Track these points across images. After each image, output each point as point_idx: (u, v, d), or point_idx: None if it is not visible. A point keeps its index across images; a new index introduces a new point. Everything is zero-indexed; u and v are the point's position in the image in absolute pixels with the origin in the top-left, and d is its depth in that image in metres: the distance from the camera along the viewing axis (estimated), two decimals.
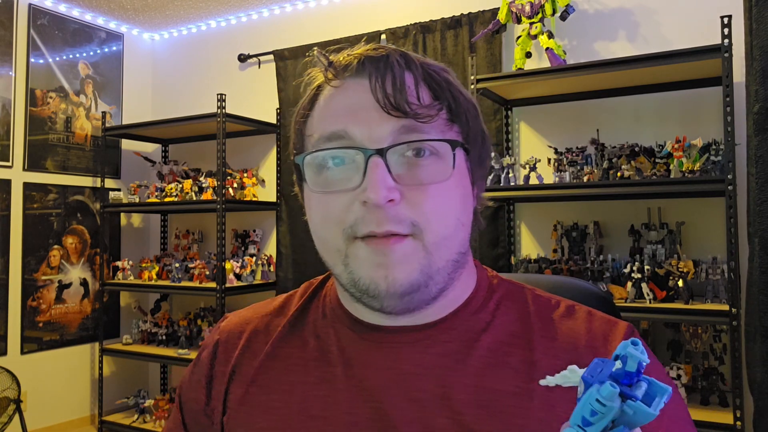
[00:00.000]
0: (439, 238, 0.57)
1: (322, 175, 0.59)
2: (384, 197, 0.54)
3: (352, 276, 0.58)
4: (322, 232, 0.60)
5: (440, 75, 0.61)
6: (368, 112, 0.57)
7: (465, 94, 0.62)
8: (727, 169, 2.11)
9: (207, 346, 0.73)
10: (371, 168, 0.55)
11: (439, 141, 0.57)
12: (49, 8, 3.61)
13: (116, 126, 3.72)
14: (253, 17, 3.81)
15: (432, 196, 0.56)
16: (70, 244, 3.68)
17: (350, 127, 0.57)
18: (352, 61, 0.60)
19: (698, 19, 2.56)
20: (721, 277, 2.30)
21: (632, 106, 2.69)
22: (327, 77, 0.61)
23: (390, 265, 0.56)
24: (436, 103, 0.58)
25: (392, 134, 0.56)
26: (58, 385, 3.58)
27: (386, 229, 0.55)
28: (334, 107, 0.60)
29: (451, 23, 3.07)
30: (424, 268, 0.56)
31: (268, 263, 3.53)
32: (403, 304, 0.57)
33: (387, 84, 0.57)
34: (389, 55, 0.59)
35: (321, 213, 0.60)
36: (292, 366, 0.65)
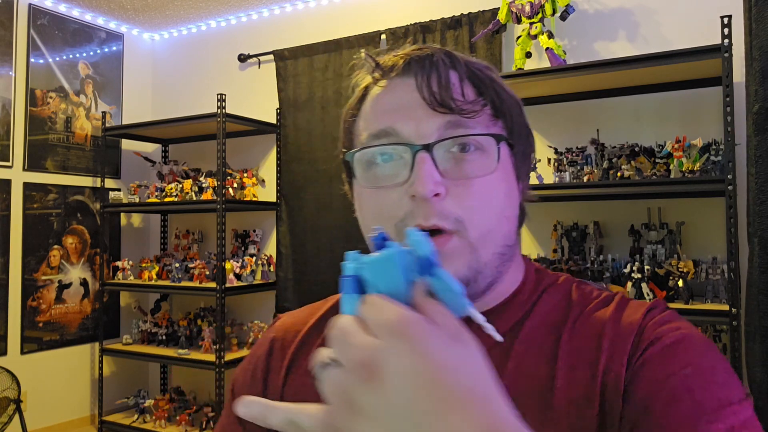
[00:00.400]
0: (484, 232, 0.58)
1: (371, 171, 0.61)
2: (431, 191, 0.56)
3: None
4: (374, 226, 0.61)
5: (484, 72, 0.63)
6: (415, 109, 0.59)
7: (508, 91, 0.64)
8: (727, 169, 2.11)
9: (262, 344, 0.75)
10: (418, 163, 0.57)
11: (484, 135, 0.59)
12: (49, 8, 3.61)
13: (116, 126, 3.72)
14: (253, 17, 3.81)
15: (477, 190, 0.58)
16: (70, 244, 3.68)
17: (398, 124, 0.59)
18: (398, 61, 0.62)
19: (698, 19, 2.56)
20: (721, 277, 2.30)
21: (632, 106, 2.69)
22: (374, 78, 0.64)
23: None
24: (480, 99, 0.60)
25: (438, 130, 0.58)
26: (58, 385, 3.58)
27: (432, 223, 0.57)
28: (381, 106, 0.62)
29: (451, 23, 3.07)
30: (472, 264, 0.58)
31: (268, 263, 3.53)
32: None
33: (432, 82, 0.59)
34: (434, 54, 0.61)
35: (372, 208, 0.61)
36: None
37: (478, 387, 0.35)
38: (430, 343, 0.35)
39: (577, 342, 0.60)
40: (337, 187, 3.34)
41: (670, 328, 0.57)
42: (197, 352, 3.35)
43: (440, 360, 0.34)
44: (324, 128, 3.41)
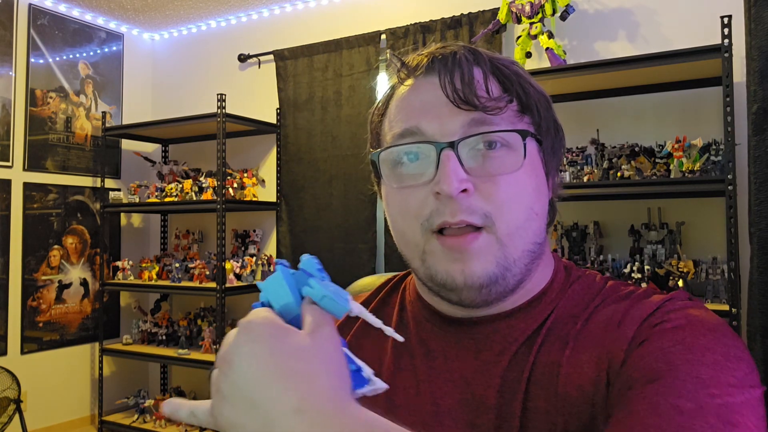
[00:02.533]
0: (512, 228, 0.58)
1: (398, 171, 0.61)
2: (456, 188, 0.56)
3: (429, 271, 0.60)
4: (401, 225, 0.62)
5: (509, 68, 0.62)
6: (439, 107, 0.59)
7: (535, 86, 0.63)
8: (727, 169, 2.11)
9: None
10: (443, 161, 0.57)
11: (508, 132, 0.59)
12: (49, 8, 3.61)
13: (116, 126, 3.72)
14: (253, 17, 3.81)
15: (504, 186, 0.58)
16: (70, 244, 3.68)
17: (422, 123, 0.59)
18: (422, 60, 0.62)
19: (698, 19, 2.56)
20: (721, 277, 2.30)
21: (632, 106, 2.69)
22: (399, 77, 0.64)
23: (466, 259, 0.57)
24: (505, 96, 0.60)
25: (463, 128, 0.58)
26: (58, 385, 3.58)
27: (460, 218, 0.56)
28: (406, 105, 0.62)
29: (451, 23, 3.07)
30: (500, 261, 0.58)
31: (268, 263, 3.53)
32: (481, 297, 0.59)
33: (456, 79, 0.58)
34: (457, 52, 0.61)
35: (399, 207, 0.61)
36: (374, 354, 0.67)
37: (306, 368, 0.41)
38: (269, 335, 0.42)
39: (588, 329, 0.59)
40: (337, 187, 3.34)
41: (679, 314, 0.55)
42: (197, 352, 3.35)
43: (276, 347, 0.41)
44: (324, 128, 3.41)
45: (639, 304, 0.58)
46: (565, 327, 0.61)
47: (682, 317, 0.54)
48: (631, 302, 0.59)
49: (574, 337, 0.59)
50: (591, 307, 0.62)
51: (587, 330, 0.59)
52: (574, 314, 0.62)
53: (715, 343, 0.51)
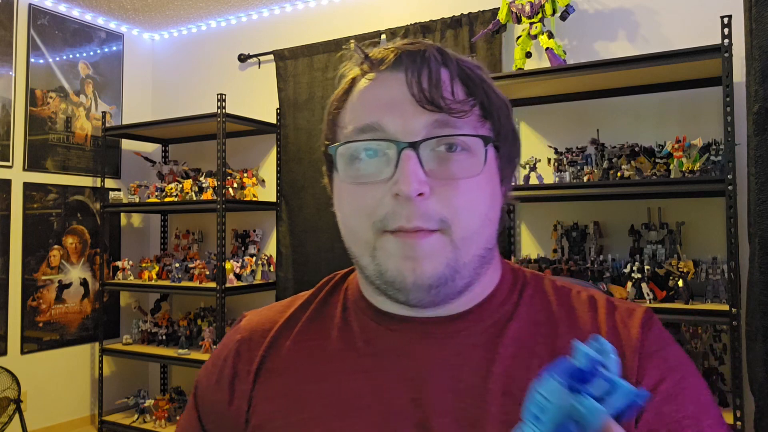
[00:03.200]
0: (468, 233, 0.57)
1: (354, 167, 0.59)
2: (415, 190, 0.54)
3: (379, 268, 0.58)
4: (353, 223, 0.60)
5: (474, 72, 0.61)
6: (403, 105, 0.58)
7: (498, 93, 0.62)
8: (727, 169, 2.11)
9: (227, 345, 0.72)
10: (403, 161, 0.55)
11: (472, 136, 0.58)
12: (49, 8, 3.61)
13: (116, 126, 3.72)
14: (253, 17, 3.81)
15: (462, 191, 0.57)
16: (70, 244, 3.68)
17: (384, 119, 0.58)
18: (388, 54, 0.60)
19: (698, 19, 2.56)
20: (721, 277, 2.30)
21: (632, 106, 2.69)
22: (363, 70, 0.62)
23: (417, 258, 0.56)
24: (470, 100, 0.59)
25: (425, 128, 0.57)
26: (58, 385, 3.58)
27: (415, 224, 0.55)
28: (368, 99, 0.60)
29: (451, 23, 3.07)
30: (451, 262, 0.57)
31: (268, 263, 3.53)
32: (429, 297, 0.58)
33: (423, 78, 0.57)
34: (426, 49, 0.59)
35: (352, 204, 0.60)
36: (319, 357, 0.65)
37: None
38: None
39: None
40: None
41: (674, 364, 0.59)
42: (197, 352, 3.34)
43: None
44: None
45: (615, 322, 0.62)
46: (535, 338, 0.61)
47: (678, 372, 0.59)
48: (607, 320, 0.62)
49: (559, 356, 0.59)
50: (560, 319, 0.62)
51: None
52: (537, 321, 0.62)
53: (711, 396, 0.60)
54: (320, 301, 0.71)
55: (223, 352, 0.72)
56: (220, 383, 0.69)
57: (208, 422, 0.71)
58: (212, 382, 0.70)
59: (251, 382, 0.67)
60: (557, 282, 0.67)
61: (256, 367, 0.67)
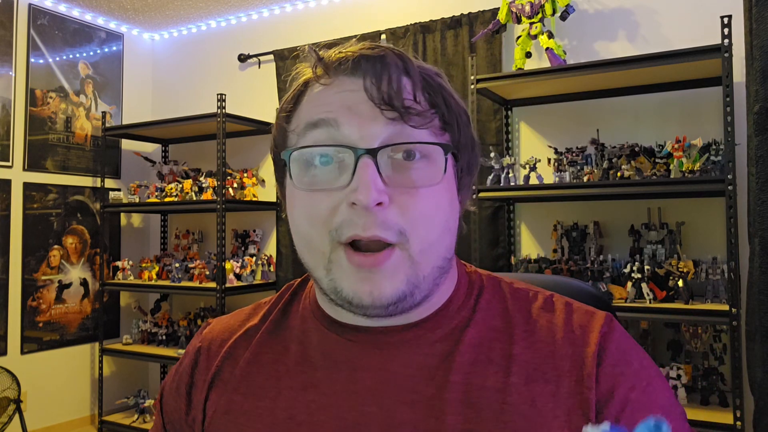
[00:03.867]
0: (426, 244, 0.55)
1: (309, 173, 0.56)
2: (374, 199, 0.52)
3: (334, 284, 0.56)
4: (308, 231, 0.57)
5: (434, 79, 0.59)
6: (360, 106, 0.55)
7: (457, 100, 0.61)
8: (727, 169, 2.11)
9: (188, 354, 0.71)
10: (361, 168, 0.53)
11: (433, 144, 0.56)
12: (49, 8, 3.61)
13: (116, 126, 3.72)
14: (253, 17, 3.81)
15: (421, 200, 0.55)
16: (70, 244, 3.68)
17: (341, 117, 0.55)
18: (347, 58, 0.57)
19: (698, 19, 2.56)
20: (721, 277, 2.30)
21: (632, 106, 2.69)
22: (317, 74, 0.59)
23: (376, 280, 0.54)
24: (431, 110, 0.57)
25: (384, 134, 0.55)
26: (58, 385, 3.58)
27: (372, 233, 0.53)
28: (323, 98, 0.57)
29: (451, 23, 3.07)
30: (411, 278, 0.55)
31: (268, 263, 3.53)
32: (387, 312, 0.56)
33: (383, 83, 0.55)
34: (386, 55, 0.57)
35: (306, 212, 0.57)
36: (275, 372, 0.63)
37: None
38: None
39: (531, 355, 0.58)
40: None
41: (638, 369, 0.58)
42: None
43: None
44: None
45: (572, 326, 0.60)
46: (491, 344, 0.60)
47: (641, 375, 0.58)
48: (565, 324, 0.61)
49: (515, 361, 0.58)
50: (517, 323, 0.61)
51: (530, 355, 0.58)
52: (494, 326, 0.61)
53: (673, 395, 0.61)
54: (280, 311, 0.69)
55: (185, 359, 0.70)
56: (179, 391, 0.68)
57: (170, 429, 0.70)
58: (173, 389, 0.69)
59: (205, 391, 0.65)
60: (515, 285, 0.66)
61: (211, 378, 0.66)
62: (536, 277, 0.92)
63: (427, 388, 0.57)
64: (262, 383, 0.63)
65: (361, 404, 0.58)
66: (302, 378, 0.62)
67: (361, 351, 0.60)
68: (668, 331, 2.50)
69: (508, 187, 2.60)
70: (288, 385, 0.62)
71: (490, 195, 2.65)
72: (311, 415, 0.59)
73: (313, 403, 0.60)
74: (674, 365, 2.34)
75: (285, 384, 0.62)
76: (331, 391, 0.59)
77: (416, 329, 0.60)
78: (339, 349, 0.62)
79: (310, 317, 0.66)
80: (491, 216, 2.90)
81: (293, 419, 0.59)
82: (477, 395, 0.56)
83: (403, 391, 0.58)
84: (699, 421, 2.14)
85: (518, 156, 2.93)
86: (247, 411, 0.62)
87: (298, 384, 0.61)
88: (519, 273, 2.04)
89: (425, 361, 0.59)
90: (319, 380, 0.61)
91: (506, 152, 2.89)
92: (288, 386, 0.62)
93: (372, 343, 0.60)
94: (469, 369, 0.58)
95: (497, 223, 2.90)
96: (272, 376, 0.63)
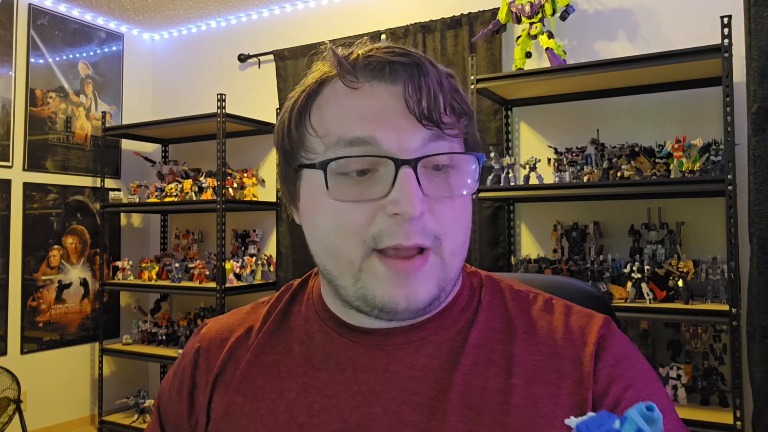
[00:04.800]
0: (456, 248, 0.57)
1: (340, 182, 0.55)
2: (419, 211, 0.53)
3: (363, 292, 0.56)
4: (337, 241, 0.56)
5: (452, 83, 0.59)
6: (398, 119, 0.55)
7: (468, 102, 0.61)
8: (727, 169, 2.11)
9: (187, 355, 0.70)
10: (404, 179, 0.53)
11: (469, 154, 0.58)
12: (49, 8, 3.61)
13: (116, 126, 3.72)
14: (253, 17, 3.81)
15: (453, 208, 0.57)
16: (70, 244, 3.68)
17: (378, 133, 0.54)
18: (380, 64, 0.56)
19: (698, 19, 2.56)
20: (721, 277, 2.30)
21: (632, 106, 2.69)
22: (344, 76, 0.57)
23: (411, 285, 0.55)
24: (464, 119, 0.58)
25: (422, 145, 0.55)
26: (58, 385, 3.58)
27: (415, 242, 0.54)
28: (358, 110, 0.56)
29: (451, 23, 3.07)
30: (440, 281, 0.56)
31: (268, 263, 3.53)
32: (416, 316, 0.57)
33: (423, 93, 0.55)
34: (421, 63, 0.56)
35: (336, 222, 0.56)
36: (277, 373, 0.63)
37: None
38: None
39: (533, 356, 0.59)
40: None
41: (638, 372, 0.58)
42: None
43: None
44: None
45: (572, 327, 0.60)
46: (492, 345, 0.60)
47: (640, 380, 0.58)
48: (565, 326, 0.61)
49: (516, 362, 0.58)
50: (518, 324, 0.61)
51: (531, 356, 0.59)
52: (495, 327, 0.61)
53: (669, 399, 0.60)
54: (281, 312, 0.68)
55: (183, 361, 0.70)
56: (181, 394, 0.68)
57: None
58: (173, 393, 0.69)
59: (209, 393, 0.65)
60: (514, 286, 0.66)
61: (213, 378, 0.66)
62: (536, 277, 0.92)
63: (430, 390, 0.57)
64: (263, 384, 0.63)
65: (364, 405, 0.58)
66: (304, 379, 0.62)
67: (365, 352, 0.61)
68: (668, 331, 2.50)
69: (508, 187, 2.60)
70: (289, 386, 0.62)
71: (490, 195, 2.65)
72: (313, 417, 0.59)
73: (315, 405, 0.59)
74: (674, 365, 2.34)
75: (286, 385, 0.62)
76: (334, 393, 0.59)
77: (420, 331, 0.61)
78: (342, 350, 0.62)
79: (314, 318, 0.66)
80: (491, 216, 2.90)
81: (294, 421, 0.59)
82: (478, 396, 0.56)
83: (406, 393, 0.58)
84: (699, 421, 2.14)
85: (518, 156, 2.93)
86: (247, 412, 0.62)
87: (300, 385, 0.61)
88: (519, 273, 2.04)
89: (429, 362, 0.59)
90: (322, 381, 0.61)
91: (506, 152, 2.89)
92: (289, 387, 0.62)
93: (376, 345, 0.61)
94: (471, 370, 0.58)
95: (497, 223, 2.90)
96: (273, 377, 0.63)
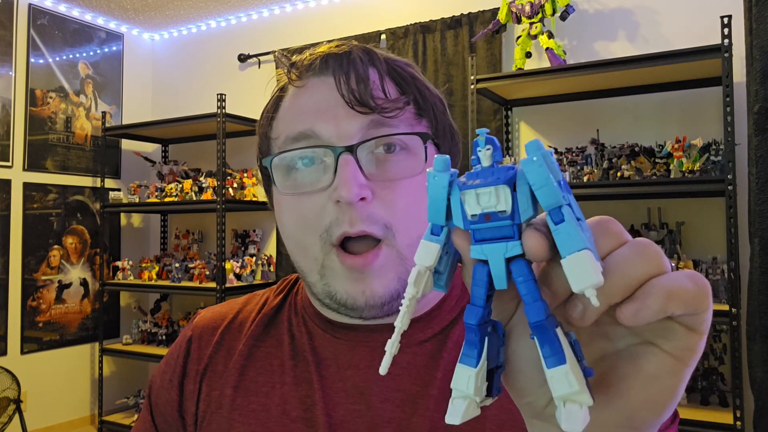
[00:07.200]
0: (413, 238, 0.55)
1: (292, 177, 0.58)
2: (356, 194, 0.53)
3: (327, 288, 0.57)
4: (300, 237, 0.58)
5: (405, 69, 0.60)
6: (334, 109, 0.56)
7: (431, 89, 0.61)
8: (727, 169, 2.11)
9: (179, 344, 0.70)
10: (342, 166, 0.54)
11: (409, 134, 0.56)
12: (49, 8, 3.61)
13: (116, 126, 3.72)
14: (253, 17, 3.81)
15: (404, 192, 0.55)
16: (70, 244, 3.68)
17: (317, 125, 0.56)
18: (314, 59, 0.59)
19: (698, 19, 2.56)
20: (721, 277, 2.30)
21: (632, 106, 2.69)
22: (290, 78, 0.60)
23: (367, 279, 0.55)
24: (403, 97, 0.57)
25: (361, 131, 0.55)
26: (58, 385, 3.58)
27: (360, 228, 0.54)
28: (299, 107, 0.59)
29: (451, 23, 3.07)
30: (401, 275, 0.55)
31: (268, 263, 3.53)
32: (382, 313, 0.57)
33: (351, 80, 0.56)
34: (351, 51, 0.58)
35: (295, 216, 0.58)
36: (269, 366, 0.64)
37: None
38: None
39: None
40: None
41: None
42: None
43: None
44: None
45: None
46: None
47: None
48: None
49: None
50: None
51: None
52: None
53: None
54: (275, 305, 0.69)
55: (176, 350, 0.70)
56: (172, 383, 0.68)
57: (161, 423, 0.69)
58: (165, 381, 0.69)
59: (199, 381, 0.66)
60: None
61: (203, 367, 0.66)
62: None
63: (413, 386, 0.58)
64: (256, 378, 0.64)
65: (348, 402, 0.59)
66: (295, 373, 0.62)
67: (348, 349, 0.61)
68: None
69: None
70: (281, 380, 0.62)
71: None
72: (305, 411, 0.60)
73: (306, 399, 0.60)
74: None
75: (279, 380, 0.63)
76: (319, 388, 0.60)
77: (407, 329, 0.60)
78: (328, 346, 0.63)
79: (302, 314, 0.67)
80: None
81: (287, 415, 0.60)
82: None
83: (389, 390, 0.58)
84: (699, 421, 2.14)
85: (518, 156, 2.93)
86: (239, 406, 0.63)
87: (292, 380, 0.62)
88: None
89: (413, 359, 0.60)
90: (311, 376, 0.61)
91: (506, 152, 2.89)
92: (282, 382, 0.62)
93: (360, 341, 0.61)
94: (451, 367, 0.58)
95: None
96: (266, 370, 0.64)
